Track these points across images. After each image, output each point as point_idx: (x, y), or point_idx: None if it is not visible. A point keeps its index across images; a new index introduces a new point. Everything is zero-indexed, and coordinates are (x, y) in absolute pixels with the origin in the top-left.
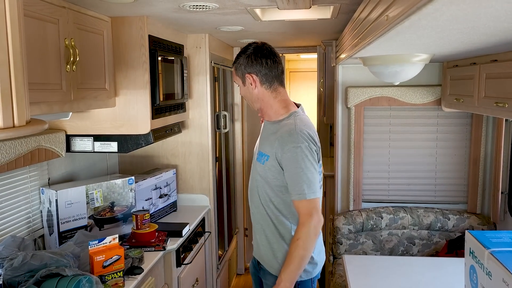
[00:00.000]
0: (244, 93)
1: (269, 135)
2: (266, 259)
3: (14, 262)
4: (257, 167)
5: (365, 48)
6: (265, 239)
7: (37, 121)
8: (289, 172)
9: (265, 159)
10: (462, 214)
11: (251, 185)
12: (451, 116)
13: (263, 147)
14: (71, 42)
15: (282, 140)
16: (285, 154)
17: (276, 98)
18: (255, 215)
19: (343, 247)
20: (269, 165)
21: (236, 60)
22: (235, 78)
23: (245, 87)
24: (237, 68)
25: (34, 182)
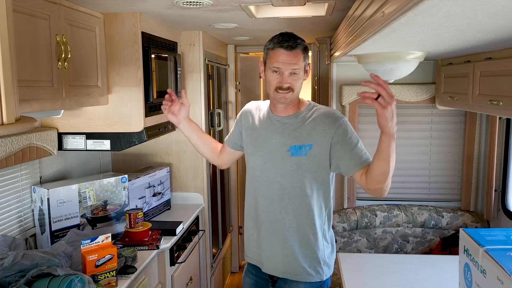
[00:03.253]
0: (300, 82)
1: (300, 126)
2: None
3: (4, 262)
4: (293, 161)
5: (360, 45)
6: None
7: (27, 118)
8: (349, 142)
9: (307, 150)
10: (455, 211)
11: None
12: (445, 114)
13: (298, 139)
14: (63, 39)
15: (331, 119)
16: (338, 129)
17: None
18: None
19: (338, 245)
20: (315, 153)
21: (302, 44)
22: (300, 65)
23: (304, 77)
24: (306, 54)
25: (26, 180)
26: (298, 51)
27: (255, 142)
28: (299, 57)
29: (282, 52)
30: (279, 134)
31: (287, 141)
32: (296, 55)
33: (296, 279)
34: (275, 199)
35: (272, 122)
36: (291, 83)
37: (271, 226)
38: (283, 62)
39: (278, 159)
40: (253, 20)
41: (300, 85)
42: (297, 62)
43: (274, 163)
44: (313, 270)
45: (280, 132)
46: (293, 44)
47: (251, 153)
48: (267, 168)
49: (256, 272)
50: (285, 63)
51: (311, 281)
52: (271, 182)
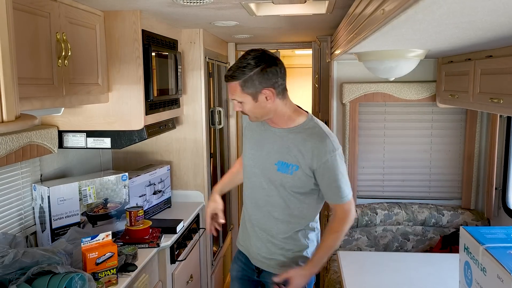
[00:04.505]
0: (252, 109)
1: (293, 144)
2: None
3: (5, 260)
4: (278, 177)
5: (360, 43)
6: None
7: (27, 116)
8: (330, 179)
9: (293, 169)
10: (456, 210)
11: (266, 194)
12: (445, 112)
13: (286, 158)
14: (63, 37)
15: (319, 151)
16: (324, 164)
17: (287, 105)
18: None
19: None
20: (299, 174)
21: (240, 76)
22: (239, 96)
23: (257, 103)
24: (246, 85)
25: (26, 178)
26: (234, 83)
27: (250, 145)
28: (235, 89)
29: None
30: (270, 144)
31: (276, 154)
32: (231, 87)
33: (279, 272)
34: (259, 204)
35: (267, 130)
36: (241, 109)
37: (256, 225)
38: (228, 91)
39: (266, 169)
40: (254, 18)
41: (254, 109)
42: (234, 93)
43: (261, 171)
44: (296, 265)
45: (271, 142)
46: (228, 77)
47: (245, 154)
48: (255, 172)
49: (245, 260)
50: (229, 92)
51: None
52: (257, 187)
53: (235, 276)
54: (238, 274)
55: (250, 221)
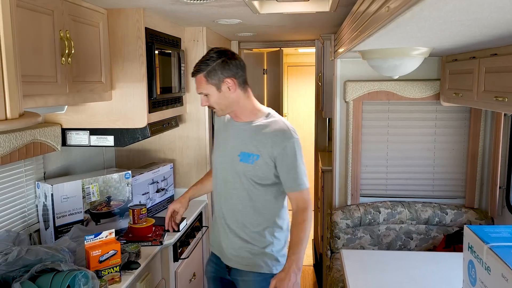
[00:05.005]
0: (217, 100)
1: (254, 135)
2: (248, 260)
3: (8, 257)
4: (240, 167)
5: (364, 41)
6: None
7: (31, 113)
8: (289, 166)
9: (254, 159)
10: (460, 208)
11: (232, 187)
12: (449, 111)
13: (247, 147)
14: (66, 34)
15: (279, 138)
16: (283, 150)
17: (249, 98)
18: (234, 215)
19: (341, 241)
20: (260, 163)
21: (204, 68)
22: (205, 88)
23: (220, 94)
24: (210, 75)
25: (30, 176)
26: (199, 76)
27: (217, 142)
28: (200, 81)
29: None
30: (234, 139)
31: (239, 146)
32: (197, 80)
33: (247, 269)
34: (227, 197)
35: (232, 126)
36: (208, 103)
37: (225, 221)
38: (196, 87)
39: (231, 162)
40: (257, 16)
41: (219, 100)
42: (200, 86)
43: (228, 165)
44: (262, 262)
45: (236, 136)
46: (194, 72)
47: (214, 151)
48: (223, 168)
49: (216, 260)
50: (196, 88)
51: (260, 271)
52: (225, 181)
53: (209, 277)
54: (212, 275)
55: (220, 217)
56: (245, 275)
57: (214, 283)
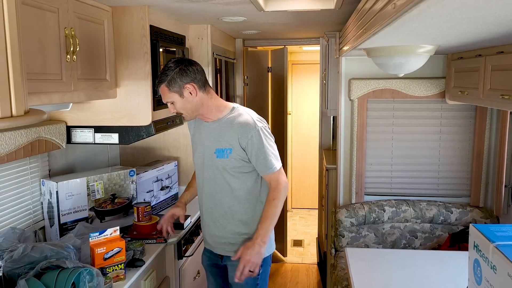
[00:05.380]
0: (183, 105)
1: (223, 130)
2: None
3: (14, 254)
4: (219, 163)
5: (370, 38)
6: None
7: (36, 111)
8: (257, 153)
9: (228, 152)
10: (465, 207)
11: (214, 183)
12: (455, 109)
13: (220, 144)
14: (71, 32)
15: (243, 130)
16: (250, 140)
17: (212, 98)
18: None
19: (345, 240)
20: (234, 155)
21: (164, 78)
22: (169, 96)
23: (184, 99)
24: (171, 84)
25: (35, 173)
26: (162, 86)
27: (195, 144)
28: (164, 91)
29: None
30: (207, 138)
31: (213, 144)
32: (161, 91)
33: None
34: (212, 193)
35: (203, 127)
36: (175, 110)
37: (211, 216)
38: (161, 96)
39: (209, 160)
40: (262, 14)
41: (184, 105)
42: (164, 96)
43: (207, 163)
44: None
45: (208, 136)
46: (157, 84)
47: (194, 154)
48: (204, 167)
49: (209, 252)
50: (162, 98)
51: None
52: (208, 179)
53: (206, 265)
54: (208, 263)
55: (208, 213)
56: (235, 261)
57: (210, 269)
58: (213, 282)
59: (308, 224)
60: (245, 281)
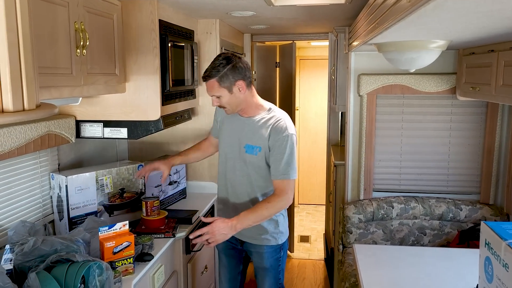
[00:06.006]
0: (229, 100)
1: (257, 129)
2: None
3: (24, 247)
4: (247, 157)
5: (382, 33)
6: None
7: (47, 105)
8: (279, 155)
9: (257, 150)
10: (474, 204)
11: (240, 174)
12: (465, 105)
13: (252, 140)
14: (81, 26)
15: (276, 131)
16: (277, 142)
17: (253, 96)
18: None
19: (353, 236)
20: (262, 154)
21: (216, 73)
22: (217, 91)
23: (232, 95)
24: (222, 80)
25: (44, 167)
26: (211, 81)
27: (224, 133)
28: (213, 85)
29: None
30: (240, 131)
31: (244, 139)
32: (209, 85)
33: (258, 243)
34: (236, 184)
35: (238, 120)
36: (219, 103)
37: (233, 204)
38: (207, 90)
39: (237, 152)
40: (271, 8)
41: (230, 101)
42: (212, 90)
43: (235, 154)
44: (271, 237)
45: (241, 130)
46: (205, 77)
47: (221, 142)
48: (231, 157)
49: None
50: (207, 91)
51: (269, 244)
52: (234, 169)
53: (221, 248)
54: (224, 245)
55: (230, 202)
56: (258, 248)
57: (225, 252)
58: (226, 265)
59: (315, 220)
60: (269, 264)
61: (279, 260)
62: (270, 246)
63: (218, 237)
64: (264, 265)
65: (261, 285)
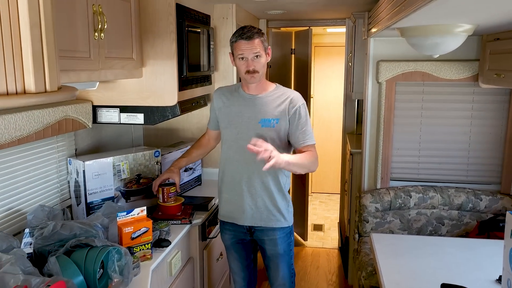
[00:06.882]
0: (264, 63)
1: (271, 102)
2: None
3: (44, 231)
4: (264, 131)
5: (408, 16)
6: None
7: (69, 87)
8: (301, 124)
9: (274, 122)
10: (495, 195)
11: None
12: (488, 93)
13: (267, 114)
14: (99, 9)
15: (293, 102)
16: (297, 109)
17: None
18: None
19: (369, 225)
20: (279, 125)
21: (261, 34)
22: (261, 49)
23: (265, 59)
24: (264, 41)
25: (62, 152)
26: (258, 39)
27: (229, 116)
28: (258, 44)
29: (243, 43)
30: (250, 109)
31: (258, 115)
32: (255, 43)
33: (271, 225)
34: (247, 162)
35: (244, 99)
36: (255, 66)
37: (245, 186)
38: (246, 50)
39: (250, 129)
40: None
41: (263, 66)
42: (255, 48)
43: (246, 133)
44: (281, 216)
45: (252, 107)
46: (250, 35)
47: (225, 127)
48: (240, 137)
49: (232, 227)
50: (247, 50)
51: (282, 226)
52: (243, 149)
53: (229, 244)
54: (232, 240)
55: (241, 184)
56: (271, 234)
57: (234, 246)
58: (237, 258)
59: (329, 209)
60: (283, 249)
61: (290, 244)
62: (282, 230)
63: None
64: (278, 251)
65: (275, 272)
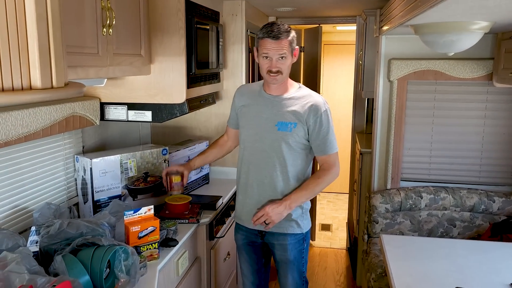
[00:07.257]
0: (289, 64)
1: (289, 105)
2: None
3: (50, 230)
4: (279, 135)
5: (424, 12)
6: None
7: (76, 84)
8: (323, 132)
9: (292, 127)
10: (508, 196)
11: (267, 155)
12: (502, 92)
13: (284, 117)
14: (108, 4)
15: (314, 108)
16: (319, 117)
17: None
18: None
19: (379, 226)
20: (297, 130)
21: (289, 34)
22: (288, 50)
23: (291, 59)
24: (293, 42)
25: (69, 149)
26: (285, 39)
27: (248, 116)
28: (285, 43)
29: (270, 41)
30: (269, 110)
31: (276, 117)
32: (282, 43)
33: (282, 231)
34: (262, 166)
35: (264, 99)
36: (279, 67)
37: (258, 189)
38: (271, 49)
39: (266, 131)
40: None
41: (287, 67)
42: (283, 48)
43: (263, 135)
44: (294, 223)
45: (270, 108)
46: (278, 34)
47: (243, 126)
48: (257, 139)
49: (245, 228)
50: (273, 50)
51: (294, 232)
52: (260, 151)
53: (241, 244)
54: (244, 241)
55: (254, 187)
56: (281, 239)
57: (245, 248)
58: (247, 260)
59: (336, 209)
60: (293, 256)
61: (302, 252)
62: (294, 237)
63: (274, 218)
64: (288, 258)
65: (284, 279)
